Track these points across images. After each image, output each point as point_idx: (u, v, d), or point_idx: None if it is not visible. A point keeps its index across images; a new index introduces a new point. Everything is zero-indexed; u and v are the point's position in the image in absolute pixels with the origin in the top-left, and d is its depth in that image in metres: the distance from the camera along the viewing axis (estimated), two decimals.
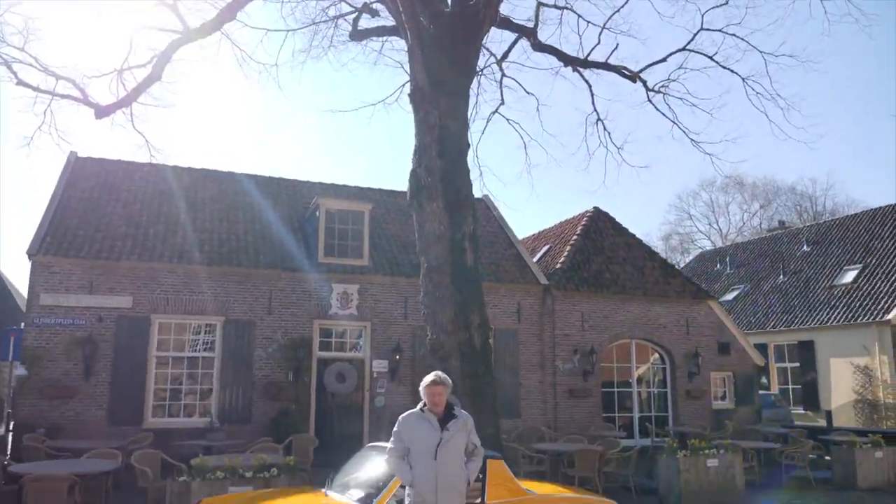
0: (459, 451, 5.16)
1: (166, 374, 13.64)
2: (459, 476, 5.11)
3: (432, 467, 5.00)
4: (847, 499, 11.79)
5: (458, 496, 5.08)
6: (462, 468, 5.16)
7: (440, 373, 5.31)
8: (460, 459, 5.16)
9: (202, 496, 7.32)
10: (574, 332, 17.15)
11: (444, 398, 5.16)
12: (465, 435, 5.20)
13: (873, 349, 22.01)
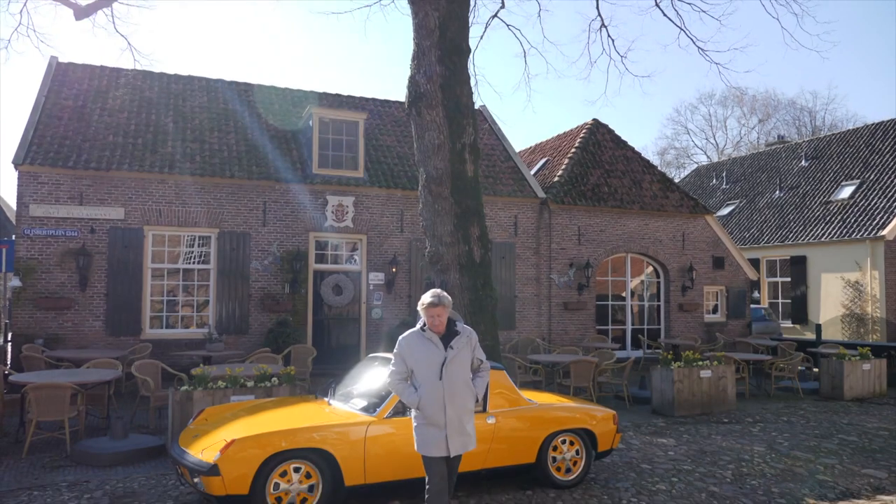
0: (465, 368, 4.95)
1: (162, 286, 13.59)
2: (467, 394, 4.92)
3: (439, 388, 4.80)
4: (833, 408, 12.09)
5: (468, 414, 4.92)
6: (469, 385, 4.96)
7: (438, 291, 4.99)
8: (467, 376, 4.95)
9: (205, 405, 7.37)
10: (570, 245, 17.12)
11: (444, 318, 4.89)
12: (469, 351, 4.98)
13: (865, 265, 22.19)
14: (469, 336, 5.00)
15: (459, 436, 4.83)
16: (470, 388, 4.95)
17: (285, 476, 5.42)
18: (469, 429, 4.91)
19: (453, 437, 4.80)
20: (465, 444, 4.88)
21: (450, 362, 4.83)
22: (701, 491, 6.79)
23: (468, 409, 4.93)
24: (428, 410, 4.82)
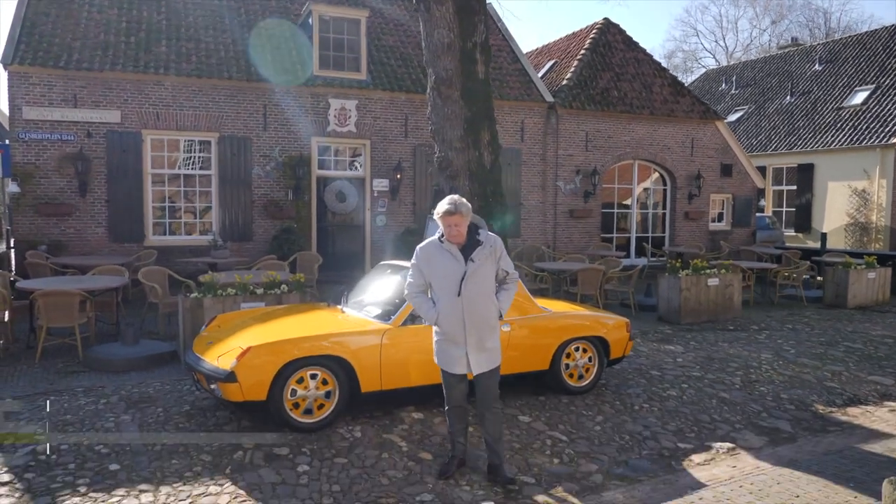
0: (488, 281, 4.55)
1: (163, 192, 13.35)
2: (489, 309, 4.55)
3: (457, 304, 4.45)
4: (837, 316, 12.17)
5: (490, 331, 4.57)
6: (492, 300, 4.57)
7: (455, 198, 4.51)
8: (489, 290, 4.56)
9: (215, 312, 7.32)
10: (577, 152, 16.77)
11: (462, 227, 4.45)
12: (493, 262, 4.54)
13: (874, 173, 21.91)
14: (493, 245, 4.55)
15: (480, 353, 4.54)
16: (493, 303, 4.58)
17: (302, 383, 5.41)
18: (490, 345, 4.58)
19: (474, 355, 4.53)
20: (489, 361, 4.59)
21: (470, 276, 4.45)
22: (711, 397, 6.86)
23: (490, 326, 4.57)
24: (446, 327, 4.55)
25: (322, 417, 5.49)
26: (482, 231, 4.63)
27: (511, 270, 4.74)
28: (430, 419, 5.87)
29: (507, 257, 4.69)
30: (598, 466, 5.11)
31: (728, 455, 5.42)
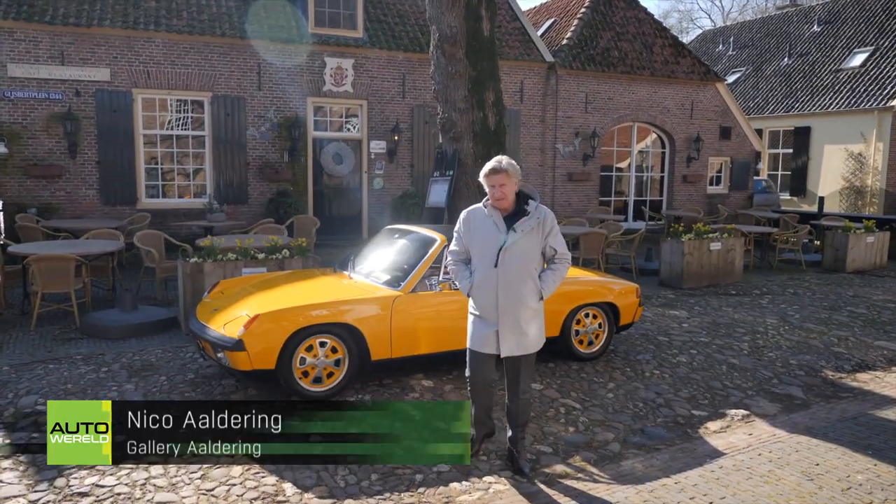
0: (530, 256, 4.09)
1: (156, 154, 13.03)
2: (528, 288, 4.09)
3: (492, 277, 4.06)
4: (837, 280, 12.16)
5: (527, 311, 4.11)
6: (533, 279, 4.11)
7: (503, 158, 4.08)
8: (531, 268, 4.10)
9: (216, 278, 7.15)
10: (577, 114, 16.51)
11: (508, 189, 4.00)
12: (538, 236, 4.08)
13: (870, 136, 21.79)
14: (542, 219, 4.08)
15: (513, 335, 4.11)
16: (533, 282, 4.11)
17: (311, 351, 5.28)
18: (528, 328, 4.14)
19: (505, 336, 4.11)
20: (522, 346, 4.15)
21: (509, 248, 4.03)
22: (721, 363, 6.80)
23: (528, 307, 4.11)
24: (480, 301, 4.18)
25: (332, 386, 5.38)
26: (533, 202, 4.14)
27: (561, 249, 4.21)
28: (441, 387, 5.78)
29: (558, 234, 4.19)
30: (615, 435, 5.04)
31: (743, 422, 5.36)
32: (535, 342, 4.23)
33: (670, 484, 4.25)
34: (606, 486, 4.23)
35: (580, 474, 4.41)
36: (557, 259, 4.24)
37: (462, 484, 4.22)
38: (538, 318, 4.23)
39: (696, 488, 4.19)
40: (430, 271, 5.80)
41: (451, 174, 9.17)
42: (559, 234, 4.22)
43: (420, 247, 6.11)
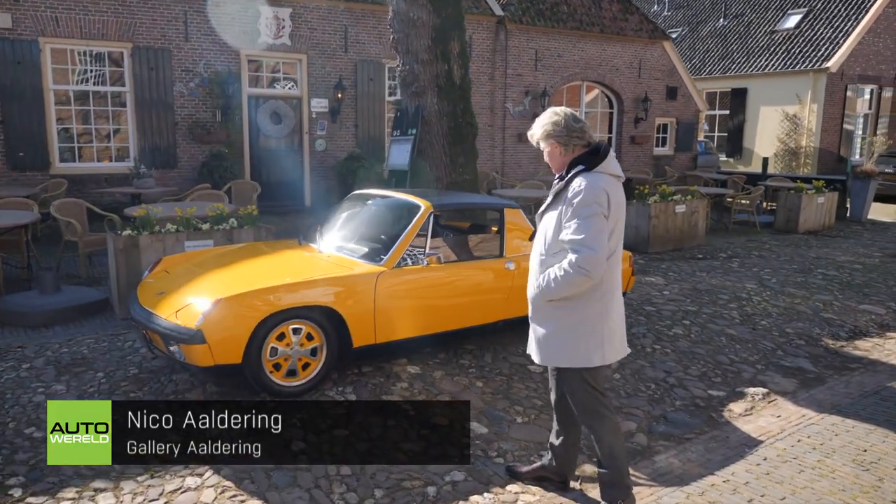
0: (546, 237, 3.18)
1: (70, 113, 11.57)
2: (534, 279, 3.26)
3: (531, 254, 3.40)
4: (794, 241, 12.08)
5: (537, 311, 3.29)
6: (537, 268, 3.24)
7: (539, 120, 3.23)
8: (541, 250, 3.22)
9: (154, 253, 6.18)
10: (527, 72, 15.82)
11: (550, 155, 3.22)
12: (558, 213, 3.11)
13: (805, 98, 22.10)
14: (576, 189, 3.02)
15: (532, 332, 3.36)
16: (535, 273, 3.25)
17: (283, 339, 4.46)
18: (539, 332, 3.27)
19: (531, 335, 3.38)
20: (537, 352, 3.32)
21: (539, 226, 3.29)
22: (718, 335, 6.37)
23: (534, 303, 3.28)
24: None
25: (308, 379, 4.60)
26: (576, 171, 3.09)
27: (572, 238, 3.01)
28: (430, 373, 5.09)
29: (577, 216, 3.00)
30: (637, 424, 4.49)
31: (766, 402, 4.91)
32: (547, 354, 3.25)
33: (719, 483, 3.71)
34: (649, 489, 3.66)
35: None
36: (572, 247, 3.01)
37: (484, 497, 3.57)
38: (556, 324, 3.18)
39: (749, 488, 3.67)
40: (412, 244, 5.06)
41: (413, 133, 8.35)
42: (580, 220, 2.98)
43: (401, 215, 5.34)
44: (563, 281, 3.05)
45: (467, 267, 5.35)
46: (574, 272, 3.00)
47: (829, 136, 22.26)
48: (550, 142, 3.19)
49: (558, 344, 3.21)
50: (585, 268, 2.97)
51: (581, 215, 2.99)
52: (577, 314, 3.16)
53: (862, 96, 23.25)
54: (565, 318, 3.18)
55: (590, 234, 2.97)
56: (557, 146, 3.18)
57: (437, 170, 8.35)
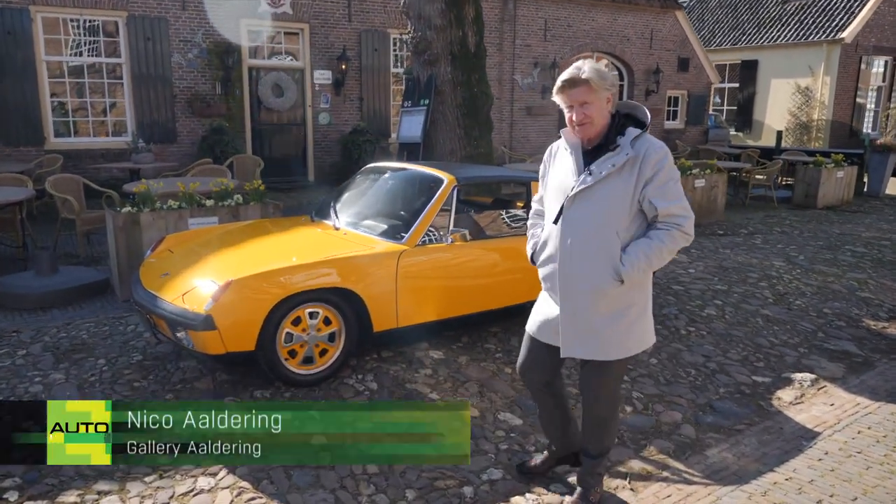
0: (611, 213, 2.70)
1: (64, 85, 11.13)
2: (603, 262, 2.71)
3: (554, 239, 2.82)
4: (814, 217, 11.72)
5: (601, 300, 2.76)
6: (611, 249, 2.71)
7: (585, 63, 2.71)
8: (610, 231, 2.71)
9: (157, 231, 5.82)
10: (535, 42, 15.32)
11: (595, 110, 2.68)
12: (629, 182, 2.68)
13: (818, 70, 21.56)
14: (642, 157, 2.67)
15: (574, 329, 2.82)
16: (610, 254, 2.71)
17: (299, 324, 4.11)
18: (599, 323, 2.78)
19: (566, 328, 2.83)
20: (587, 347, 2.82)
21: (579, 196, 2.73)
22: (754, 315, 6.03)
23: (599, 291, 2.74)
24: (542, 271, 2.95)
25: (325, 366, 4.26)
26: (631, 131, 2.72)
27: (667, 207, 2.69)
28: (454, 358, 4.75)
29: (668, 183, 2.71)
30: (682, 414, 4.16)
31: (816, 389, 4.58)
32: (613, 346, 2.82)
33: (781, 481, 3.39)
34: (705, 487, 3.34)
35: (665, 472, 3.50)
36: (661, 222, 2.72)
37: (526, 497, 3.24)
38: (624, 310, 2.79)
39: (815, 487, 3.34)
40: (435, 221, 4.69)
41: (426, 104, 7.94)
42: (671, 184, 2.71)
43: (422, 189, 4.96)
44: (669, 251, 2.75)
45: (493, 245, 4.99)
46: (681, 239, 2.76)
47: (841, 109, 21.76)
48: (602, 96, 2.69)
49: (617, 333, 2.80)
50: (689, 232, 2.77)
51: (673, 179, 2.74)
52: (644, 293, 2.87)
53: (876, 68, 22.72)
54: (639, 298, 2.84)
55: (684, 198, 2.78)
56: (610, 99, 2.74)
57: (450, 142, 7.98)
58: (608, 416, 3.03)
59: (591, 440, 3.09)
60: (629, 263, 2.69)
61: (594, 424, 3.06)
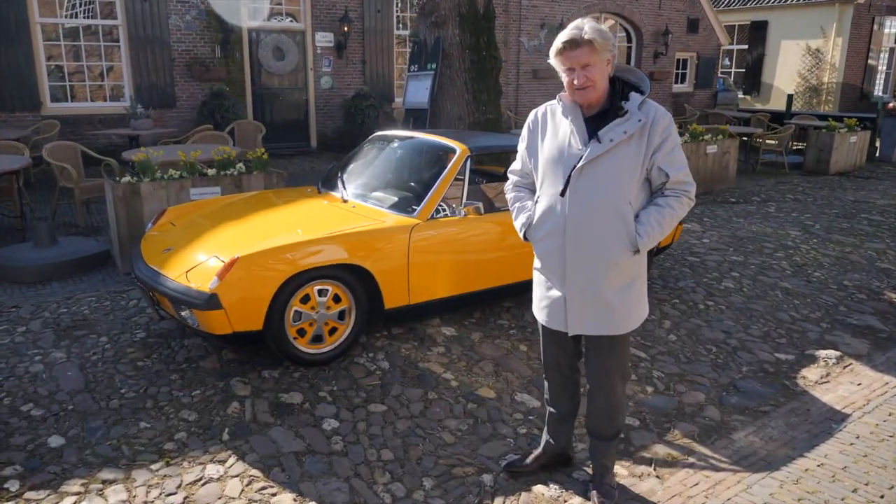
0: (623, 182, 2.56)
1: (60, 49, 10.81)
2: (616, 232, 2.58)
3: (559, 212, 2.64)
4: (827, 183, 11.49)
5: (614, 271, 2.62)
6: (624, 218, 2.57)
7: (585, 22, 2.49)
8: (622, 199, 2.56)
9: (157, 202, 5.64)
10: (542, 2, 14.90)
11: (597, 73, 2.50)
12: (639, 148, 2.54)
13: (830, 31, 21.04)
14: (647, 121, 2.53)
15: (585, 305, 2.68)
16: (623, 223, 2.57)
17: (308, 302, 3.96)
18: (613, 296, 2.65)
19: (574, 305, 2.69)
20: (601, 323, 2.70)
21: (588, 166, 2.55)
22: (772, 288, 5.87)
23: (613, 262, 2.61)
24: (541, 248, 2.77)
25: (335, 345, 4.11)
26: (635, 96, 2.58)
27: (677, 173, 2.57)
28: (467, 335, 4.61)
29: (675, 149, 2.58)
30: (705, 395, 4.01)
31: (842, 368, 4.44)
32: (624, 319, 2.71)
33: (813, 468, 3.26)
34: (734, 474, 3.21)
35: (691, 458, 3.37)
36: (669, 189, 2.60)
37: (549, 487, 3.11)
38: (633, 282, 2.69)
39: (849, 474, 3.21)
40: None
41: (433, 68, 7.67)
42: (677, 150, 2.59)
43: (434, 160, 4.78)
44: (678, 218, 2.65)
45: (508, 217, 4.78)
46: (688, 207, 2.66)
47: (852, 71, 21.31)
48: (604, 58, 2.52)
49: (628, 304, 2.71)
50: (693, 199, 2.68)
51: (678, 144, 2.62)
52: (644, 263, 2.76)
53: (889, 29, 22.19)
54: (635, 273, 2.72)
55: (686, 164, 2.65)
56: (611, 61, 2.57)
57: (458, 108, 7.73)
58: (621, 392, 2.92)
59: (603, 422, 2.95)
60: (644, 232, 2.58)
61: (607, 405, 2.92)
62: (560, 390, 3.06)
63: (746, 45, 23.37)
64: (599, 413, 2.95)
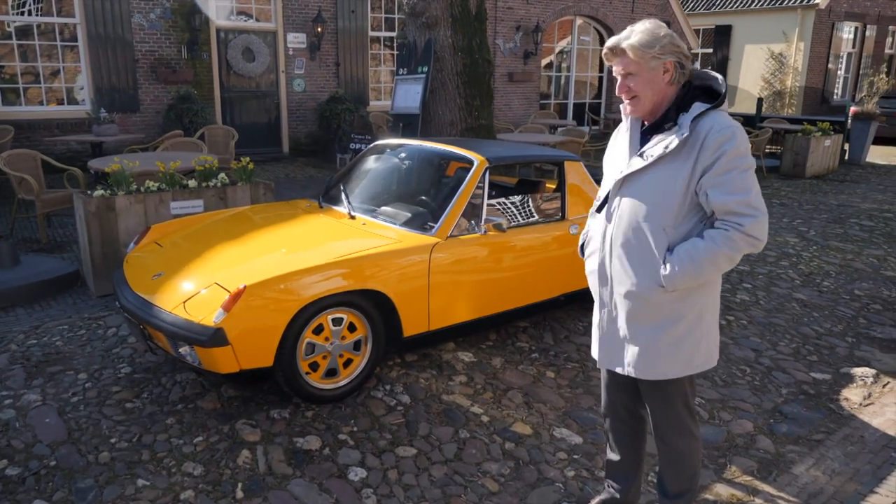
0: (660, 203, 2.24)
1: (12, 48, 10.09)
2: (647, 262, 2.27)
3: (600, 232, 2.43)
4: (806, 187, 11.50)
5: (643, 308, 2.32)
6: (658, 247, 2.25)
7: (630, 29, 2.26)
8: (657, 225, 2.25)
9: (135, 218, 5.14)
10: (518, 4, 14.63)
11: (640, 83, 2.23)
12: (685, 168, 2.19)
13: (792, 35, 21.37)
14: (704, 137, 2.16)
15: (609, 335, 2.45)
16: (652, 252, 2.26)
17: (321, 332, 3.55)
18: (634, 332, 2.36)
19: (604, 337, 2.47)
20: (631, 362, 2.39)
21: (627, 183, 2.31)
22: (787, 300, 5.66)
23: (639, 297, 2.31)
24: (587, 266, 2.55)
25: (351, 378, 3.71)
26: (697, 106, 2.20)
27: (726, 201, 2.14)
28: (487, 361, 4.25)
29: (730, 172, 2.13)
30: (752, 423, 3.74)
31: (882, 387, 4.22)
32: (652, 363, 2.36)
33: None
34: None
35: (757, 499, 3.08)
36: (719, 220, 2.19)
37: None
38: (669, 323, 2.31)
39: None
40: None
41: (424, 71, 7.29)
42: (736, 173, 2.14)
43: (448, 172, 4.40)
44: (725, 257, 2.20)
45: (529, 233, 4.45)
46: (743, 244, 2.18)
47: (814, 75, 21.69)
48: (655, 62, 2.21)
49: (689, 349, 2.34)
50: (756, 236, 2.18)
51: (739, 168, 2.15)
52: (699, 304, 2.32)
53: (847, 35, 22.66)
54: (691, 310, 2.31)
55: (754, 192, 2.17)
56: (671, 70, 2.23)
57: (450, 113, 7.38)
58: (682, 447, 2.54)
59: (666, 475, 2.63)
60: (671, 267, 2.22)
61: (667, 459, 2.60)
62: (616, 436, 2.73)
63: (711, 48, 23.62)
64: (661, 466, 2.65)
